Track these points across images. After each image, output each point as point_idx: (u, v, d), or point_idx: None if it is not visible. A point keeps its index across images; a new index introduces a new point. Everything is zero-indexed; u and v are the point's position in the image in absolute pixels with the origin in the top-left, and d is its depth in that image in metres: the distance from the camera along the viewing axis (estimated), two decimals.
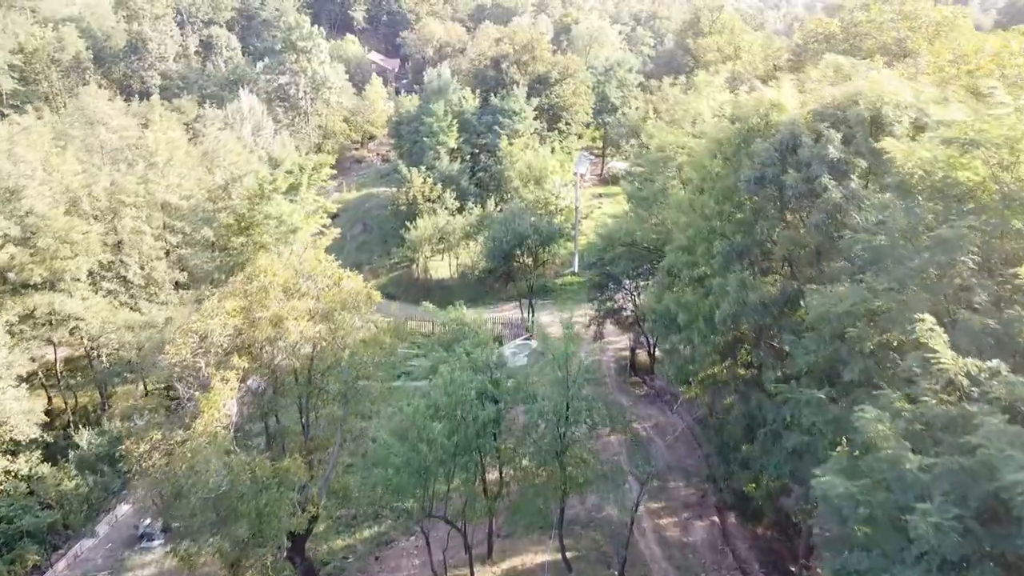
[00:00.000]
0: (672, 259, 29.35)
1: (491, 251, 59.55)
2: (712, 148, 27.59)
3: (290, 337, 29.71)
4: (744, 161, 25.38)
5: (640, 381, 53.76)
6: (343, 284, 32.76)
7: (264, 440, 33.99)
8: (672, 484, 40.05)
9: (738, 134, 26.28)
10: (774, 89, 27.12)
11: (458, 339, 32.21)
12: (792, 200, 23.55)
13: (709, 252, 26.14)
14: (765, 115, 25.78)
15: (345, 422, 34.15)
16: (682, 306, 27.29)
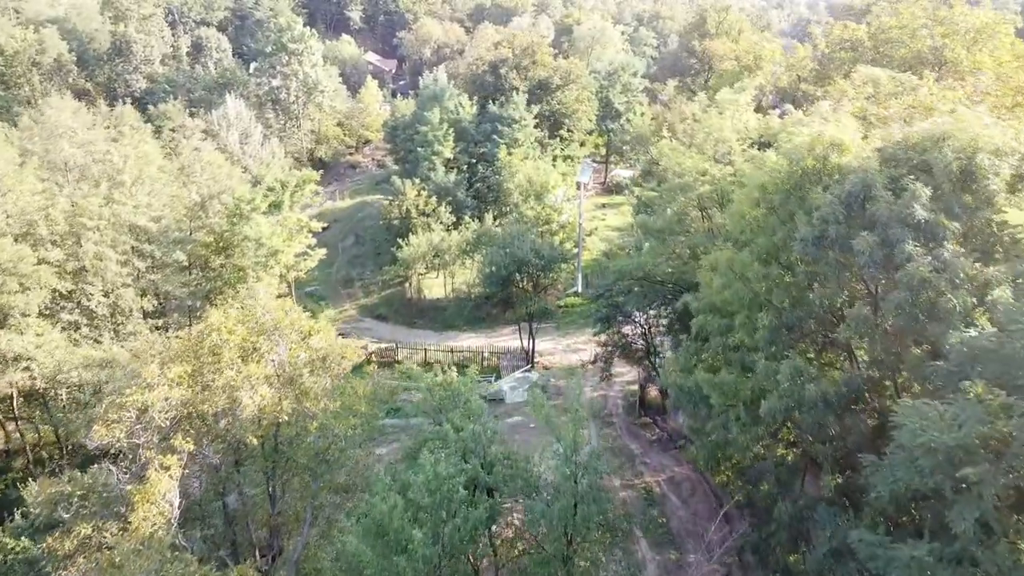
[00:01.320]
0: (702, 322, 24.71)
1: (488, 277, 54.90)
2: (754, 195, 22.93)
3: (245, 411, 25.08)
4: (798, 214, 20.79)
5: (651, 422, 49.12)
6: (313, 341, 28.10)
7: (222, 520, 29.38)
8: (691, 558, 35.38)
9: (787, 179, 21.67)
10: (833, 123, 22.43)
11: (444, 408, 27.60)
12: (864, 268, 18.92)
13: (751, 322, 21.57)
14: (823, 156, 21.14)
15: (316, 497, 29.61)
16: (716, 387, 22.67)
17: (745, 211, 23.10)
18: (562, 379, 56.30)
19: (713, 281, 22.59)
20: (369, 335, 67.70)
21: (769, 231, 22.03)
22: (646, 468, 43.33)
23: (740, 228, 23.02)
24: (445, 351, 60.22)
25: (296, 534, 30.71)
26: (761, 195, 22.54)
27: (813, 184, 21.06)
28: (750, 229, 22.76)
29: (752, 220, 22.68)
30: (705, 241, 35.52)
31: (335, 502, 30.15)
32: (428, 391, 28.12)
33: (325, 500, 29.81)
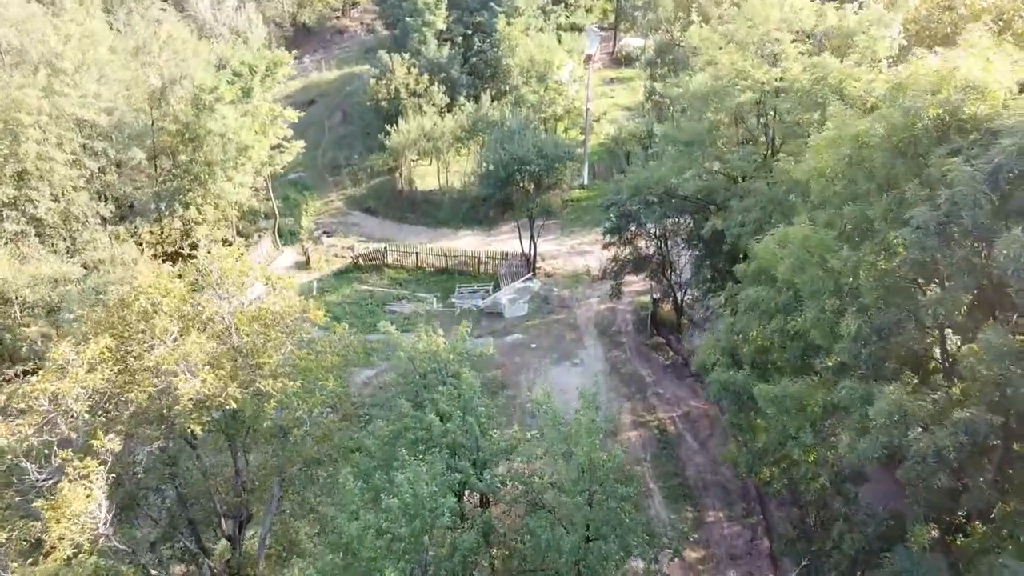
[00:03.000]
0: (755, 297, 19.40)
1: (486, 177, 48.99)
2: (843, 149, 16.97)
3: (182, 401, 20.39)
4: (911, 184, 15.23)
5: (664, 342, 44.76)
6: (270, 304, 23.04)
7: (175, 499, 25.37)
8: (711, 515, 31.82)
9: (897, 132, 15.83)
10: (974, 55, 16.30)
11: (429, 384, 22.82)
12: (1014, 278, 13.56)
13: (829, 321, 16.36)
14: (955, 106, 15.30)
15: (283, 470, 25.52)
16: (776, 402, 17.58)
17: (829, 167, 17.31)
18: (566, 289, 51.66)
19: (778, 259, 17.29)
20: (356, 232, 62.50)
21: (863, 200, 16.46)
22: (659, 400, 39.34)
23: (821, 192, 17.36)
24: (439, 255, 55.17)
25: (268, 498, 26.95)
26: (854, 150, 16.74)
27: (936, 144, 15.42)
28: (835, 194, 17.15)
29: (838, 179, 17.00)
30: (742, 159, 29.78)
31: (307, 474, 26.02)
32: (409, 361, 23.31)
33: (294, 474, 25.70)
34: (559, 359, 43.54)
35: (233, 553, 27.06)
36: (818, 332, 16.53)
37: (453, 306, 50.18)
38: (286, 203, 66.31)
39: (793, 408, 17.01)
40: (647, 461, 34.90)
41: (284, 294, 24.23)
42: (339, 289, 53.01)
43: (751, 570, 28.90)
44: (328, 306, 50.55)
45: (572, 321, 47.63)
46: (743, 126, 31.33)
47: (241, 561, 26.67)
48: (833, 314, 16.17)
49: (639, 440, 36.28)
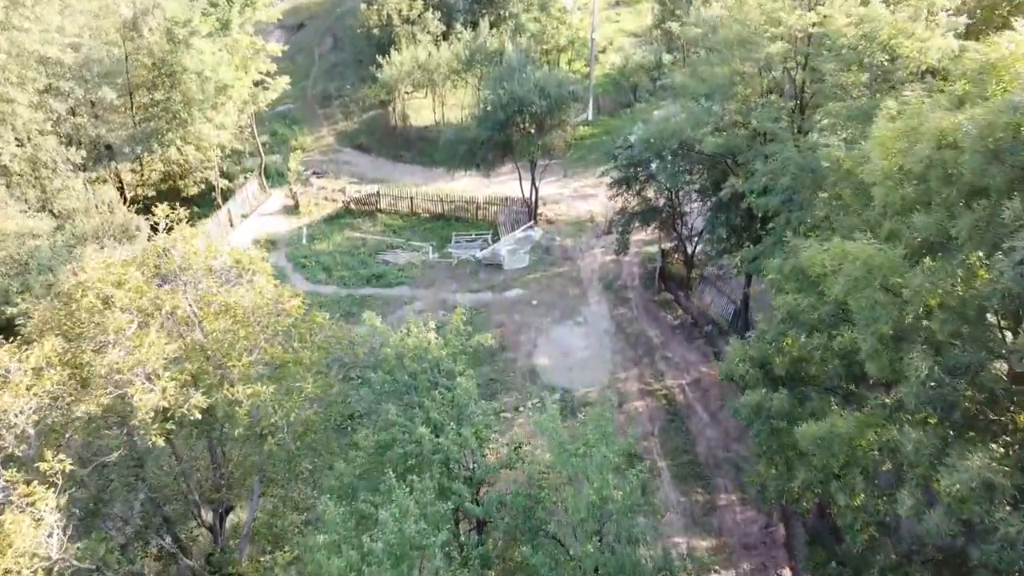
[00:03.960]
0: (793, 306, 16.57)
1: (484, 119, 45.55)
2: (918, 146, 13.89)
3: (139, 412, 18.05)
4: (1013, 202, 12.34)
5: (673, 299, 42.29)
6: (239, 298, 20.39)
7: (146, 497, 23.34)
8: (723, 498, 29.99)
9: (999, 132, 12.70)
10: None
11: (420, 387, 20.34)
12: None
13: (889, 354, 13.66)
14: None
15: (263, 468, 23.46)
16: (822, 445, 14.97)
17: (897, 167, 14.23)
18: (569, 238, 48.89)
19: (828, 270, 14.48)
20: (348, 171, 59.26)
21: (941, 209, 13.58)
22: (667, 365, 37.15)
23: (886, 196, 14.38)
24: (434, 200, 52.13)
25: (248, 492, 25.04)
26: (934, 150, 13.75)
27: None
28: (903, 199, 14.16)
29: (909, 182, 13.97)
30: (768, 118, 26.64)
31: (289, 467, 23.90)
32: (397, 360, 20.82)
33: (276, 469, 23.61)
34: (561, 317, 41.18)
35: (215, 546, 25.31)
36: (874, 365, 14.02)
37: (450, 256, 47.52)
38: (274, 139, 62.88)
39: (841, 450, 14.61)
40: (655, 436, 32.94)
41: (257, 280, 21.57)
42: (330, 237, 50.24)
43: (765, 561, 27.23)
44: (318, 255, 48.53)
45: (575, 274, 45.07)
46: (769, 76, 28.05)
47: (223, 558, 24.95)
48: (894, 346, 13.59)
49: (646, 411, 34.25)
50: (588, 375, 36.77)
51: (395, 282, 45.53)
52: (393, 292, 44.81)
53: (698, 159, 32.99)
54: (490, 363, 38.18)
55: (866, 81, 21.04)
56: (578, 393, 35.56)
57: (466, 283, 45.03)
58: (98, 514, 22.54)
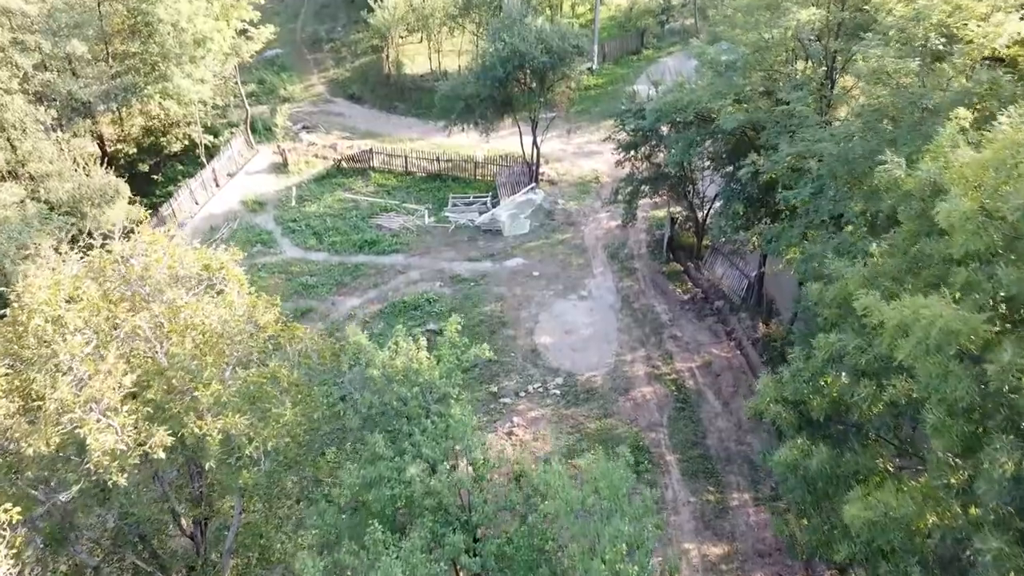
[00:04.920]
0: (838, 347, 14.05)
1: (483, 74, 42.46)
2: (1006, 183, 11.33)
3: (93, 456, 16.07)
4: None
5: (682, 270, 40.04)
6: (207, 316, 18.10)
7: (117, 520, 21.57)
8: (735, 497, 28.33)
9: None
10: None
11: (411, 415, 18.22)
12: None
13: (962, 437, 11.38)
14: None
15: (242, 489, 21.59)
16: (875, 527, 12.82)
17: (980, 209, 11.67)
18: (572, 201, 46.36)
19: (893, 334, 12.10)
20: (339, 124, 56.32)
21: None
22: (676, 346, 35.13)
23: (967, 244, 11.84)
24: (430, 159, 49.33)
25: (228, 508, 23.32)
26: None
27: None
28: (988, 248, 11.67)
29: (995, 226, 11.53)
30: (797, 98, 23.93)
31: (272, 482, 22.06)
32: (384, 381, 18.66)
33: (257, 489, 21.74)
34: (565, 291, 39.00)
35: (196, 557, 23.71)
36: (941, 441, 11.87)
37: (446, 221, 45.08)
38: (261, 88, 59.72)
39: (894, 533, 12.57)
40: (663, 426, 31.13)
41: (228, 291, 19.29)
42: (320, 198, 47.70)
43: (781, 571, 25.70)
44: (308, 218, 46.07)
45: (579, 242, 42.74)
46: (796, 44, 25.18)
47: (205, 571, 23.41)
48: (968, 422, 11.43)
49: (654, 398, 32.38)
50: (592, 356, 34.81)
51: (389, 249, 43.23)
52: (387, 260, 42.55)
53: (715, 130, 30.25)
54: (489, 341, 35.91)
55: (916, 68, 18.41)
56: (582, 377, 33.68)
57: (464, 251, 42.72)
58: (65, 538, 20.83)
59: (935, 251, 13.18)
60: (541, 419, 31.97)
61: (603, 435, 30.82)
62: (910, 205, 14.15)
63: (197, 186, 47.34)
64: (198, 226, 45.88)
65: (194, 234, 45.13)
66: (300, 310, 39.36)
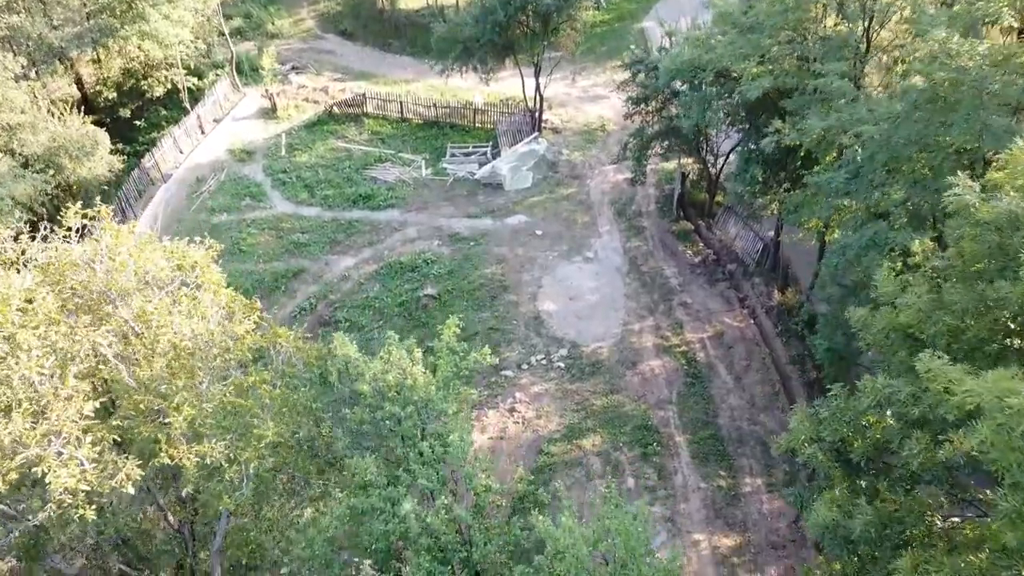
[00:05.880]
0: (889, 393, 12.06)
1: (482, 17, 39.45)
2: None
3: (54, 494, 14.56)
4: None
5: (693, 229, 38.04)
6: (179, 329, 16.27)
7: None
8: (748, 483, 27.10)
9: None
10: None
11: (406, 436, 16.60)
12: None
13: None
14: None
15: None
16: None
17: None
18: (577, 151, 43.96)
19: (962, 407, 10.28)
20: (331, 63, 53.29)
21: None
22: (687, 314, 33.45)
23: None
24: (427, 105, 46.59)
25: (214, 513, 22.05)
26: None
27: None
28: None
29: None
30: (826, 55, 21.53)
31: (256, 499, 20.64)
32: (378, 396, 16.96)
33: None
34: (569, 252, 37.10)
35: (185, 552, 22.57)
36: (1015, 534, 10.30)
37: (445, 173, 42.79)
38: (247, 23, 56.36)
39: None
40: (672, 403, 29.74)
41: (204, 296, 17.43)
42: (311, 147, 45.26)
43: (794, 564, 24.63)
44: (300, 169, 43.74)
45: (584, 197, 40.59)
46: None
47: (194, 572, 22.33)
48: None
49: (663, 373, 30.90)
50: (599, 325, 33.18)
51: (384, 204, 41.11)
52: (382, 216, 40.49)
53: (736, 91, 27.79)
54: (490, 308, 34.63)
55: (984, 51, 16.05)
56: (587, 348, 32.13)
57: (463, 206, 40.62)
58: (41, 546, 19.58)
59: (1015, 296, 11.34)
60: (544, 394, 30.56)
61: (609, 413, 29.49)
62: (984, 238, 12.23)
63: (181, 134, 44.86)
64: (183, 177, 43.65)
65: (180, 186, 43.03)
66: (292, 270, 37.67)
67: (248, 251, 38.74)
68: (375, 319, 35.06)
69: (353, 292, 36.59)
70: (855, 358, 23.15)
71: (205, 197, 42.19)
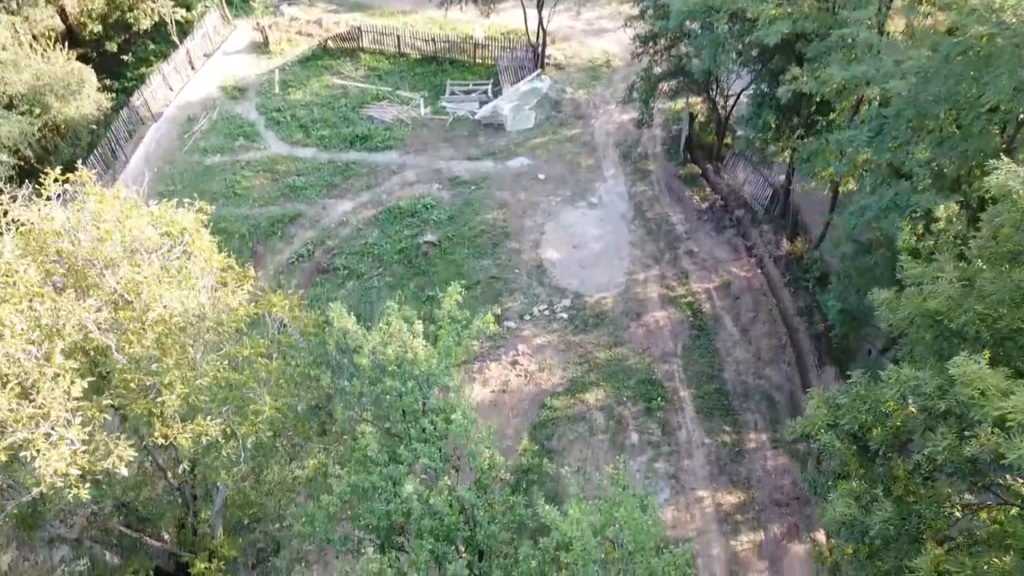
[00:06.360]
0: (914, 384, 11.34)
1: None
2: None
3: (43, 481, 14.11)
4: None
5: (700, 172, 36.94)
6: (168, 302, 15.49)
7: None
8: (752, 438, 26.83)
9: None
10: None
11: (408, 411, 16.04)
12: None
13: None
14: None
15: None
16: None
17: None
18: (581, 88, 42.44)
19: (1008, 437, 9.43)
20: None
21: None
22: (693, 263, 32.71)
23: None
24: (425, 39, 44.73)
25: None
26: None
27: None
28: None
29: None
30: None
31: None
32: (377, 371, 16.34)
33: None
34: (573, 197, 36.09)
35: (186, 511, 22.44)
36: None
37: (444, 112, 41.37)
38: None
39: None
40: (677, 356, 29.28)
41: (193, 265, 16.63)
42: (306, 84, 43.63)
43: (798, 521, 24.54)
44: (294, 107, 42.29)
45: (588, 138, 39.31)
46: None
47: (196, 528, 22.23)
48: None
49: (668, 324, 30.35)
50: (603, 274, 32.48)
51: (382, 145, 39.84)
52: (380, 158, 39.28)
53: (751, 33, 26.37)
54: (492, 255, 33.84)
55: None
56: (591, 299, 31.50)
57: (463, 148, 39.38)
58: (39, 515, 19.35)
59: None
60: (547, 347, 30.08)
61: (613, 366, 29.07)
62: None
63: (170, 71, 43.22)
64: (174, 116, 42.22)
65: (171, 125, 41.68)
66: (288, 215, 36.72)
67: (243, 194, 37.69)
68: (374, 266, 34.29)
69: (351, 238, 35.71)
70: (868, 318, 22.55)
71: (197, 137, 40.87)
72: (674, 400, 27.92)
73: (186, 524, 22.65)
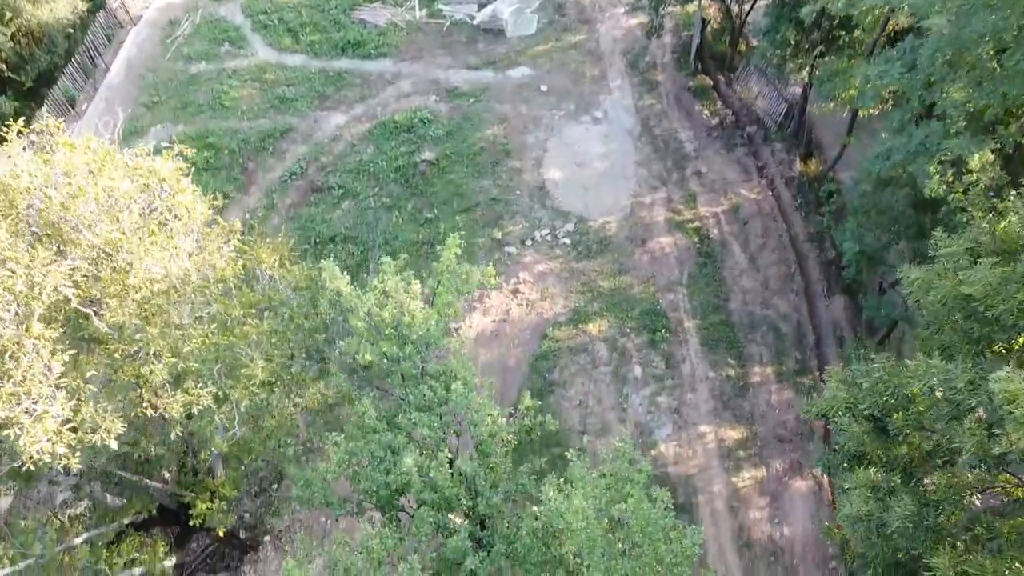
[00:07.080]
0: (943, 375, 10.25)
1: None
2: None
3: (24, 458, 13.61)
4: None
5: (711, 84, 35.08)
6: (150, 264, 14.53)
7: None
8: (757, 372, 26.39)
9: None
10: None
11: (405, 375, 15.31)
12: None
13: None
14: None
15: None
16: None
17: None
18: None
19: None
20: None
21: None
22: (701, 184, 31.47)
23: None
24: None
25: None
26: None
27: None
28: None
29: None
30: None
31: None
32: (373, 332, 15.54)
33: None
34: (577, 111, 34.41)
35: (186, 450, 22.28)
36: None
37: (440, 16, 39.01)
38: None
39: None
40: (683, 285, 28.51)
41: (174, 226, 15.55)
42: None
43: (800, 458, 24.41)
44: (282, 9, 39.88)
45: (594, 45, 37.18)
46: None
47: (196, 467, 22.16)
48: None
49: (674, 251, 29.44)
50: (607, 197, 31.31)
51: (376, 52, 37.76)
52: (374, 66, 37.30)
53: None
54: (492, 175, 32.56)
55: None
56: (595, 223, 30.47)
57: (461, 56, 37.33)
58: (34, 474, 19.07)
59: None
60: (549, 274, 29.30)
61: (617, 295, 28.37)
62: None
63: None
64: (155, 19, 39.93)
65: (151, 29, 39.41)
66: (279, 129, 35.17)
67: (231, 106, 35.95)
68: (370, 185, 33.05)
69: (345, 154, 34.29)
70: (883, 258, 21.68)
71: (180, 42, 38.70)
72: (678, 331, 27.37)
73: (186, 465, 22.54)
